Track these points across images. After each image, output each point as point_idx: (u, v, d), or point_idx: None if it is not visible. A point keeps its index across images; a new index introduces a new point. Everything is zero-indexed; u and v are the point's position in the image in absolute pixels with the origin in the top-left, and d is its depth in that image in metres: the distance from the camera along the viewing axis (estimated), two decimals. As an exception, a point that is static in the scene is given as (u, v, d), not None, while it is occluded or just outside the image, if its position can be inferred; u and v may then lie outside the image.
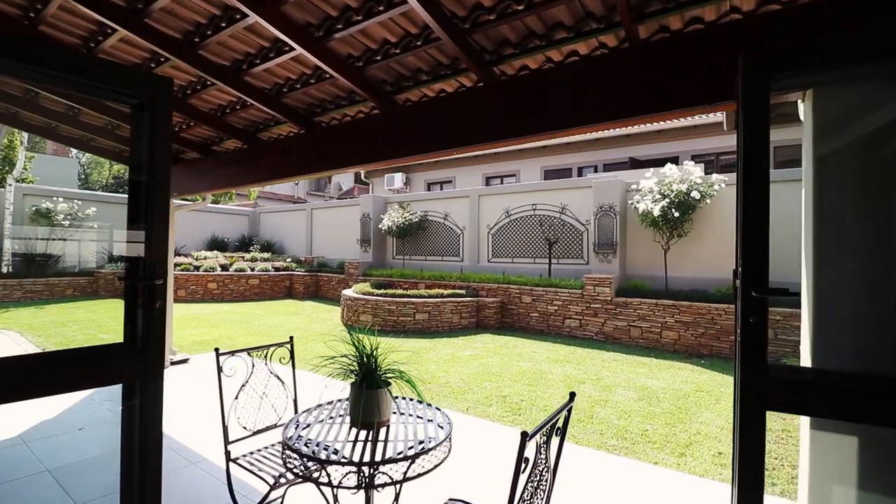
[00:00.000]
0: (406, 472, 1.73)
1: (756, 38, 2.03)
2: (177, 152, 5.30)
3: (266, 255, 15.05)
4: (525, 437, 1.29)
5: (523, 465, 1.32)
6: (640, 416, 4.53)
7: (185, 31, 3.01)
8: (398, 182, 17.38)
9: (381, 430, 1.96)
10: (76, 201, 12.75)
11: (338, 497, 2.06)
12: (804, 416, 1.90)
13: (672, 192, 7.82)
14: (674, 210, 7.75)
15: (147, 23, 2.88)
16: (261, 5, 2.52)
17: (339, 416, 2.12)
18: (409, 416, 2.17)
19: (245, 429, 2.42)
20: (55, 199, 12.40)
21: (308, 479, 1.76)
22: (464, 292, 9.45)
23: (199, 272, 12.60)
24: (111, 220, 13.47)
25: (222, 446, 2.27)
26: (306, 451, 1.76)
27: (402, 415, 2.17)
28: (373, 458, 1.75)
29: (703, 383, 5.66)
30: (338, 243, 14.86)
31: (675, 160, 11.20)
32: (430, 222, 12.27)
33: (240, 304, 12.25)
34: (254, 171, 4.34)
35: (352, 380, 1.96)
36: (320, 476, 1.72)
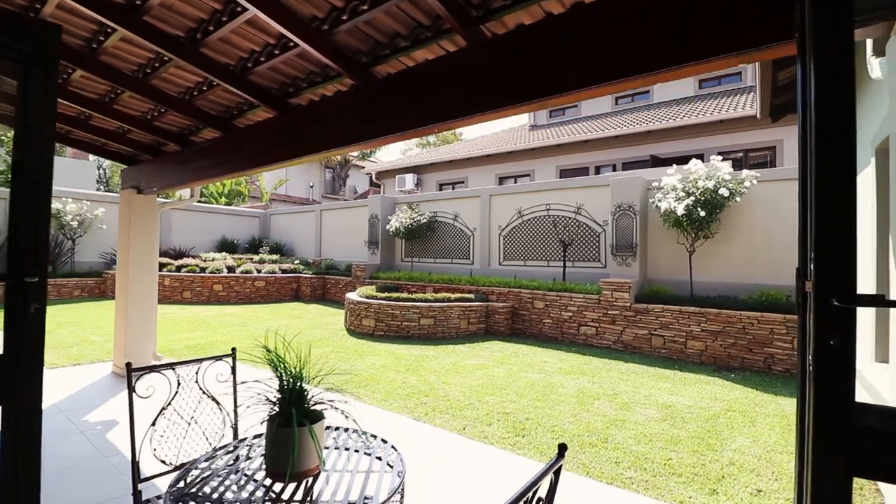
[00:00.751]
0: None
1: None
2: (156, 144, 4.95)
3: (274, 256, 14.80)
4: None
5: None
6: (663, 440, 3.94)
7: (127, -7, 2.61)
8: (409, 183, 16.98)
9: (317, 480, 1.48)
10: (85, 202, 12.69)
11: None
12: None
13: (698, 189, 7.17)
14: (699, 209, 7.09)
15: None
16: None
17: (260, 459, 1.64)
18: (354, 452, 1.68)
19: (164, 462, 1.96)
20: (63, 199, 12.36)
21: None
22: (472, 296, 8.93)
23: (204, 274, 12.38)
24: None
25: (130, 485, 1.82)
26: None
27: (344, 451, 1.68)
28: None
29: (734, 401, 5.02)
30: (347, 245, 14.52)
31: (699, 158, 10.49)
32: (440, 223, 11.79)
33: (244, 306, 11.97)
34: (226, 162, 3.94)
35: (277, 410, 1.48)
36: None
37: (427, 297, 8.62)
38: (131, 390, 1.84)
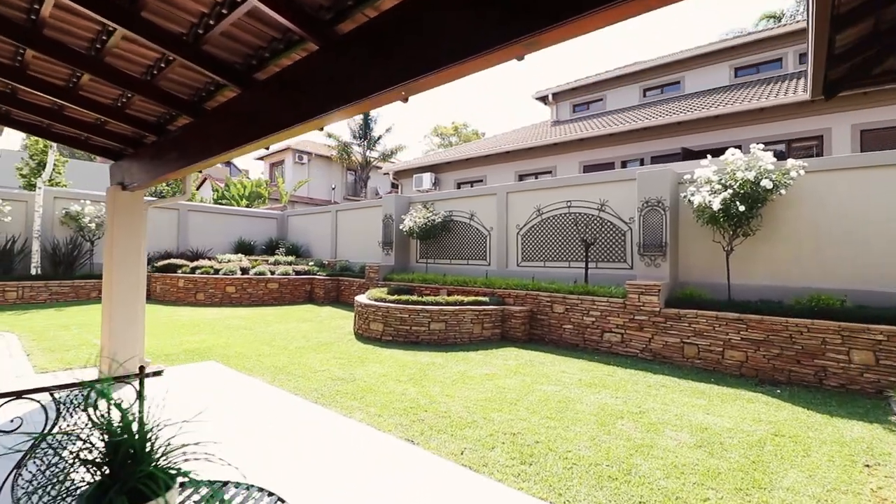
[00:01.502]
0: None
1: None
2: (137, 136, 4.62)
3: (290, 258, 14.59)
4: None
5: None
6: (698, 473, 3.30)
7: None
8: (427, 182, 16.55)
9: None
10: (103, 203, 12.77)
11: None
12: None
13: (736, 181, 6.40)
14: (738, 203, 6.33)
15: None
16: None
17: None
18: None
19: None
20: (82, 201, 12.45)
21: None
22: (487, 299, 8.36)
23: (218, 276, 12.24)
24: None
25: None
26: None
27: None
28: None
29: (783, 423, 4.30)
30: (362, 246, 14.17)
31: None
32: (455, 223, 11.27)
33: (256, 308, 11.75)
34: (195, 150, 3.53)
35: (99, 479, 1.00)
36: None
37: (438, 301, 8.10)
38: (-17, 426, 1.40)
